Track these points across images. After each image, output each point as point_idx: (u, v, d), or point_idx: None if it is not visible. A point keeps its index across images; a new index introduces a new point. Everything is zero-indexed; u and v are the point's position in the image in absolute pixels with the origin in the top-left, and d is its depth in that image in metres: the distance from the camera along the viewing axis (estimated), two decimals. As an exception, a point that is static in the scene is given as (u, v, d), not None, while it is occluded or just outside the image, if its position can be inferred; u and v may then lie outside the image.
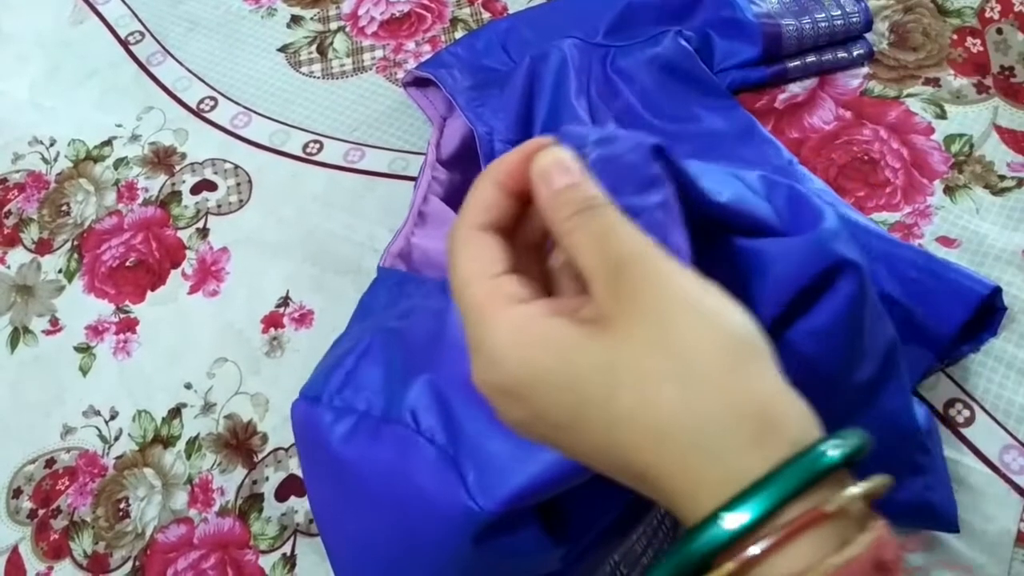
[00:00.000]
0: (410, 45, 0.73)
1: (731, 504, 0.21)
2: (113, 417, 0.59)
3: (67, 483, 0.57)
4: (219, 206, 0.67)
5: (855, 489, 0.21)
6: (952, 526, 0.46)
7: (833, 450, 0.21)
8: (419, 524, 0.34)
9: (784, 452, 0.21)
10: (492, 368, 0.24)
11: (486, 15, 0.74)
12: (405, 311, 0.42)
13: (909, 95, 0.63)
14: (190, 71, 0.75)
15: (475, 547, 0.32)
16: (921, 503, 0.44)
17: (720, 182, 0.35)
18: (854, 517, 0.21)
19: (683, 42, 0.63)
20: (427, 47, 0.73)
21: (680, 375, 0.22)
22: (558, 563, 0.36)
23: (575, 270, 0.28)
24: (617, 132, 0.30)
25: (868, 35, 0.65)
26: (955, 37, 0.65)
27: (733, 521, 0.21)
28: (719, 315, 0.23)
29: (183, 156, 0.70)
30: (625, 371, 0.23)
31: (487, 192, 0.27)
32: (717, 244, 0.34)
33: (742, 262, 0.34)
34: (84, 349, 0.62)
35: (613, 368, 0.23)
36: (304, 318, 0.60)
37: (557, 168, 0.26)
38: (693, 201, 0.31)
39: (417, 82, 0.67)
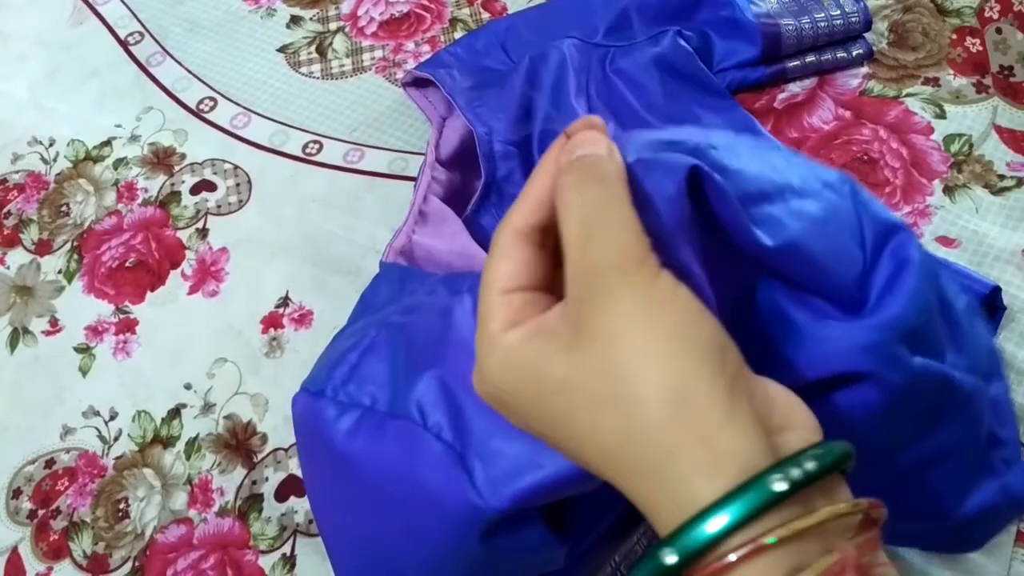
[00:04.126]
0: (409, 45, 0.73)
1: (672, 538, 0.21)
2: (113, 417, 0.59)
3: (67, 483, 0.57)
4: (219, 206, 0.67)
5: (801, 523, 0.21)
6: None
7: (780, 483, 0.21)
8: (424, 521, 0.33)
9: (731, 481, 0.21)
10: (483, 382, 0.26)
11: (485, 15, 0.74)
12: (409, 307, 0.41)
13: (908, 95, 0.63)
14: (190, 71, 0.75)
15: (481, 545, 0.32)
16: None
17: (791, 209, 0.31)
18: (826, 535, 0.21)
19: (682, 42, 0.63)
20: (426, 47, 0.73)
21: (622, 403, 0.22)
22: (561, 562, 0.36)
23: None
24: (662, 155, 0.28)
25: (867, 35, 0.65)
26: (954, 37, 0.65)
27: (672, 555, 0.21)
28: (675, 335, 0.22)
29: (183, 156, 0.70)
30: (579, 394, 0.23)
31: (542, 187, 0.26)
32: (757, 288, 0.32)
33: (776, 321, 0.31)
34: (84, 349, 0.62)
35: (569, 390, 0.23)
36: (304, 318, 0.60)
37: (585, 136, 0.26)
38: (738, 236, 0.29)
39: (416, 82, 0.67)
